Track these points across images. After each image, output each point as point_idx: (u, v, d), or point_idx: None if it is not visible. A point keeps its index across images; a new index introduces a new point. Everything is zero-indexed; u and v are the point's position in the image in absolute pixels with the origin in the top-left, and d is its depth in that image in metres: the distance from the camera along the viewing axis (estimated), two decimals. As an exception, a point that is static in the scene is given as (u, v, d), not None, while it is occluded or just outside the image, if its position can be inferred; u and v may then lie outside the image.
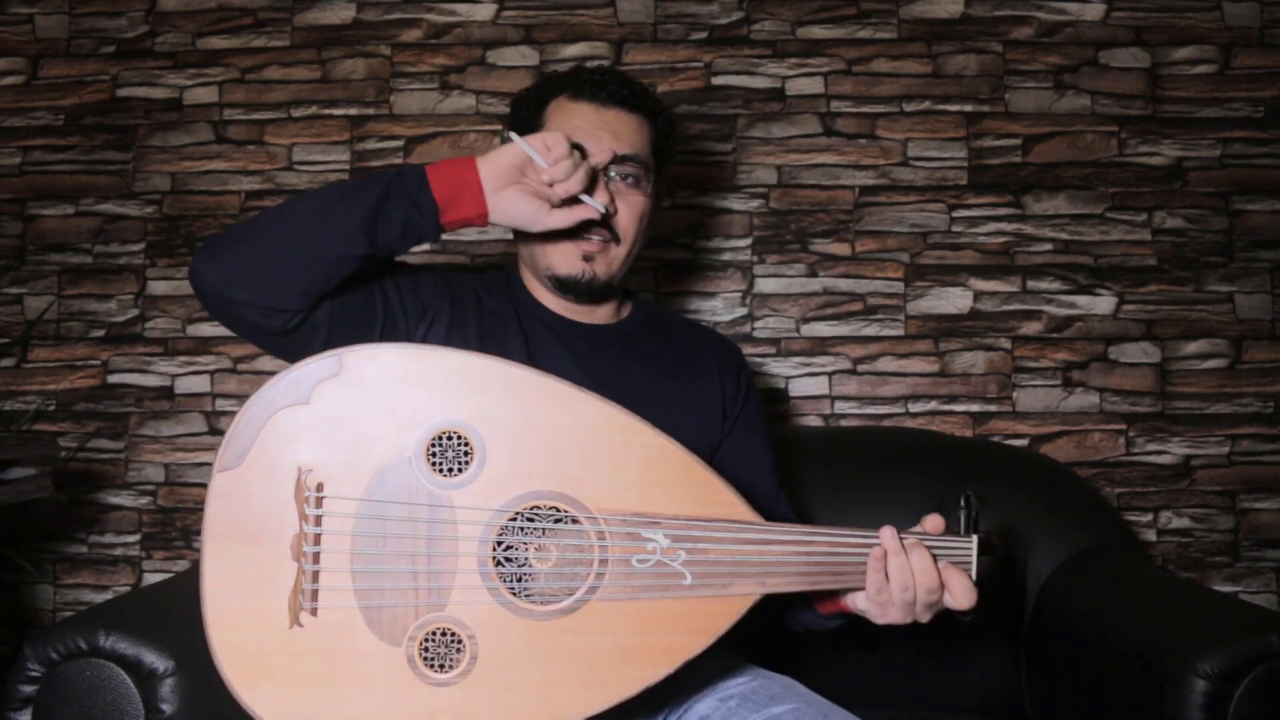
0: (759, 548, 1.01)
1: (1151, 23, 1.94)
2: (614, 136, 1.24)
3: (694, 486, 1.01)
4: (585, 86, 1.26)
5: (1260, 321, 1.91)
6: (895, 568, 1.02)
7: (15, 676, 1.16)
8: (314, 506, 0.96)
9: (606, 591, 0.98)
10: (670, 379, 1.30)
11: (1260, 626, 1.18)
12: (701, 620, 0.99)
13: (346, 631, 0.96)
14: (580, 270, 1.24)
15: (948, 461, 1.71)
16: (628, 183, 1.25)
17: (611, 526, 0.99)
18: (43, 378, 1.95)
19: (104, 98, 1.96)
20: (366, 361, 0.98)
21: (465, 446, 0.98)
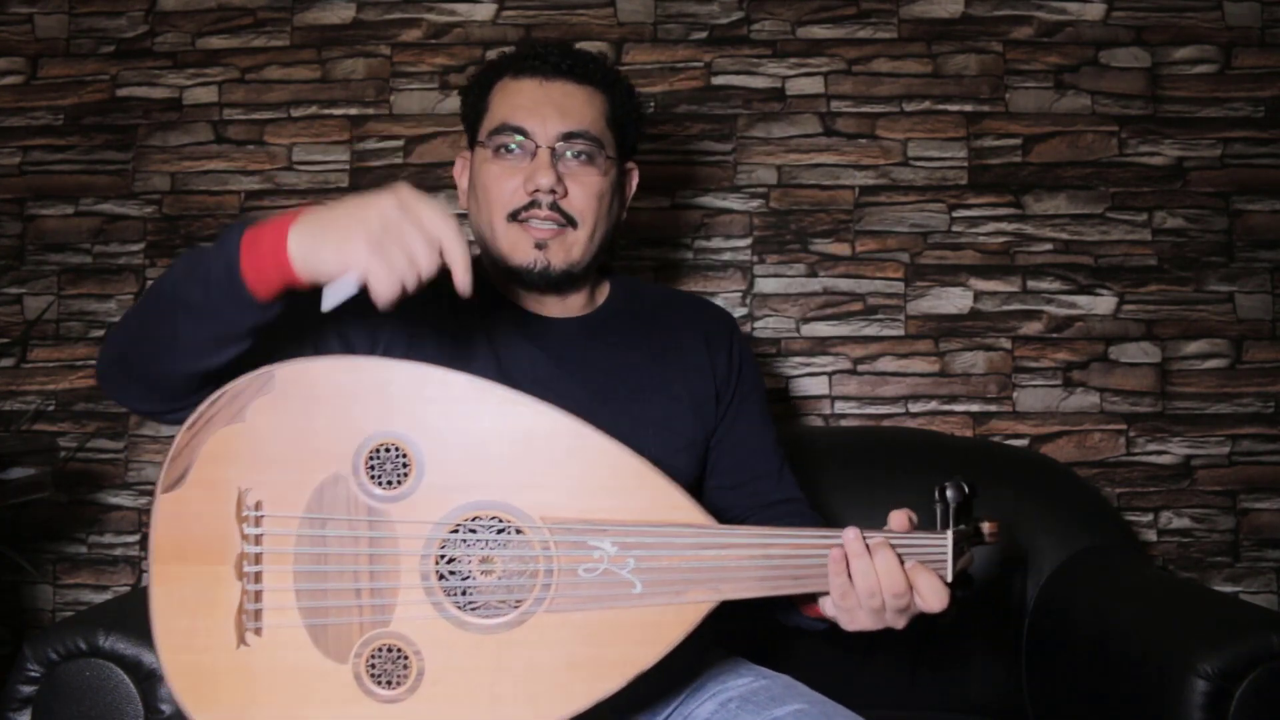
0: (713, 553, 0.96)
1: (1152, 22, 1.94)
2: (559, 112, 1.15)
3: (642, 491, 0.96)
4: (527, 62, 1.18)
5: (1260, 321, 1.91)
6: (859, 571, 0.94)
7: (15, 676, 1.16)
8: (253, 525, 0.94)
9: (554, 603, 0.95)
10: (655, 369, 1.22)
11: (1261, 626, 1.18)
12: (654, 630, 0.95)
13: (293, 649, 0.94)
14: (533, 259, 1.15)
15: (948, 461, 1.71)
16: (580, 160, 1.16)
17: (556, 536, 0.95)
18: (43, 378, 1.95)
19: (104, 98, 1.96)
20: (299, 376, 0.95)
21: (403, 458, 0.95)
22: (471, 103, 1.22)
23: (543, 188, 1.13)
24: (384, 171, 1.94)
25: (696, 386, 1.23)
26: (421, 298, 1.12)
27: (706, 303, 1.33)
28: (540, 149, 1.14)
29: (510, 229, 1.15)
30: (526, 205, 1.14)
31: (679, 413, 1.21)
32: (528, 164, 1.15)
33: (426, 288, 1.14)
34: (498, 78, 1.20)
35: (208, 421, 0.95)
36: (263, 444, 0.95)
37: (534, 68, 1.17)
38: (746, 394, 1.28)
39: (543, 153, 1.14)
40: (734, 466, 1.25)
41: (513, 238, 1.15)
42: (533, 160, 1.15)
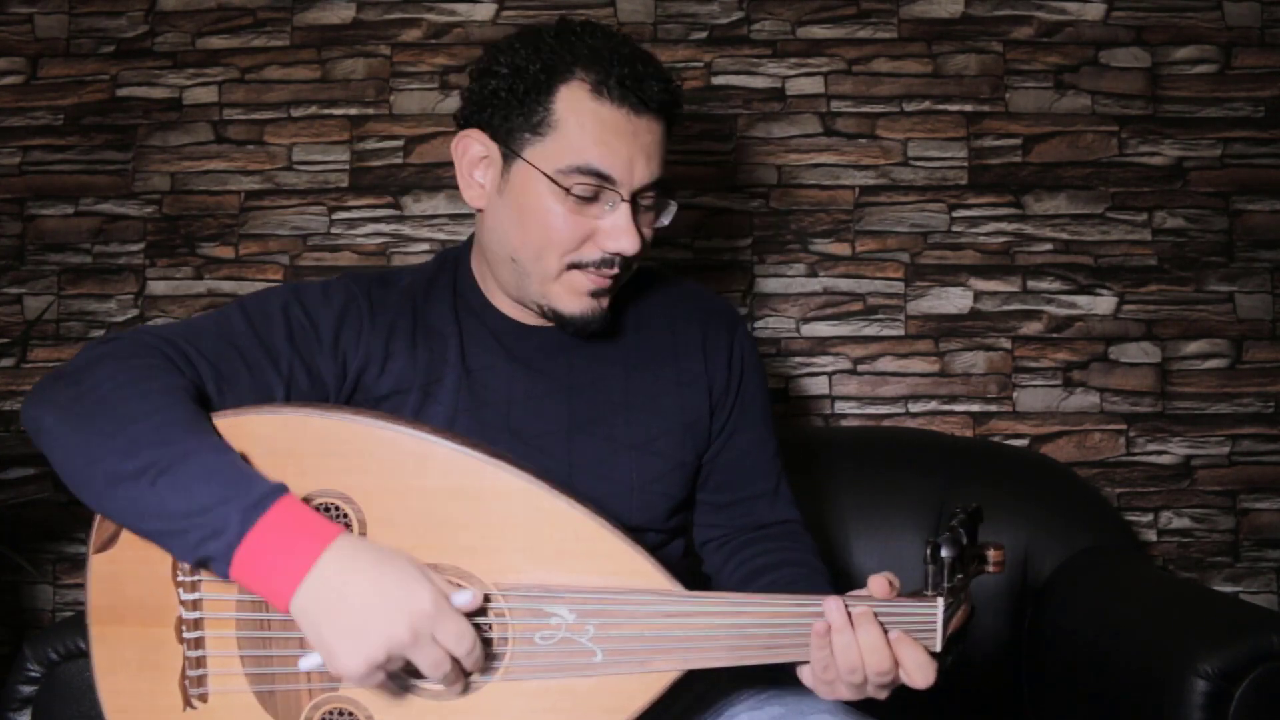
0: (679, 620, 0.89)
1: (1152, 22, 1.94)
2: (645, 159, 1.01)
3: (602, 555, 0.90)
4: (615, 82, 0.99)
5: (1261, 321, 1.91)
6: (840, 646, 0.86)
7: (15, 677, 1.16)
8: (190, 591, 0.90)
9: (509, 671, 0.89)
10: (643, 383, 1.12)
11: (1261, 626, 1.18)
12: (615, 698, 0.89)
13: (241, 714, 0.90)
14: (589, 309, 1.05)
15: (948, 461, 1.71)
16: (648, 209, 1.05)
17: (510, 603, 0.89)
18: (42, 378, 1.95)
19: (104, 98, 1.96)
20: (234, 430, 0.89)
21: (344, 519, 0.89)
22: (522, 94, 1.01)
23: (627, 252, 1.01)
24: (384, 171, 1.94)
25: (690, 400, 1.13)
26: (394, 312, 1.07)
27: (708, 298, 1.21)
28: (622, 204, 1.01)
29: (568, 275, 1.03)
30: (599, 261, 1.02)
31: (667, 433, 1.11)
32: (603, 212, 1.02)
33: (402, 301, 1.08)
34: (566, 79, 1.00)
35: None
36: None
37: (623, 94, 0.99)
38: (746, 403, 1.17)
39: (625, 210, 1.01)
40: (726, 484, 1.17)
41: (572, 285, 1.04)
42: (610, 212, 1.01)
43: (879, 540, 1.66)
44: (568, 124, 1.00)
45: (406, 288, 1.11)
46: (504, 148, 1.04)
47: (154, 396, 0.87)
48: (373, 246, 1.94)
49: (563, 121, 1.00)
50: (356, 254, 1.93)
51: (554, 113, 1.00)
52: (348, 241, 1.94)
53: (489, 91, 1.03)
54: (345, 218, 1.94)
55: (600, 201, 1.01)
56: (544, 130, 1.01)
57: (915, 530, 1.66)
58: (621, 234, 1.01)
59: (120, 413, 0.85)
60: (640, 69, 1.00)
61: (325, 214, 1.94)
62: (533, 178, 1.01)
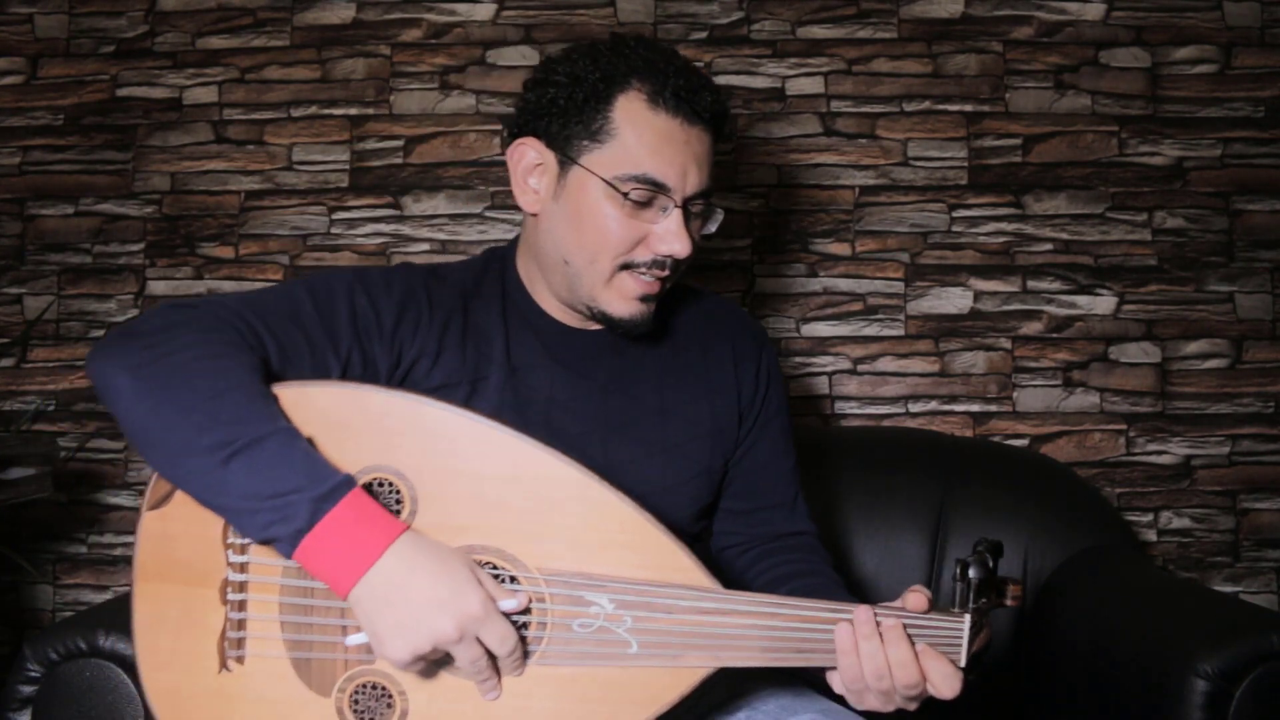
0: (715, 619, 0.91)
1: (1152, 22, 1.94)
2: (697, 167, 1.05)
3: (646, 549, 0.92)
4: (670, 94, 1.03)
5: (1260, 321, 1.91)
6: (866, 653, 0.89)
7: (15, 676, 1.16)
8: (239, 553, 0.92)
9: (545, 656, 0.91)
10: (677, 389, 1.16)
11: (1261, 626, 1.18)
12: (646, 691, 0.91)
13: (276, 679, 0.92)
14: (638, 312, 1.09)
15: (948, 461, 1.71)
16: (696, 216, 1.10)
17: (552, 588, 0.91)
18: (43, 378, 1.95)
19: (104, 98, 1.96)
20: (298, 401, 0.92)
21: (396, 494, 0.92)
22: (580, 102, 1.05)
23: (679, 255, 1.06)
24: (384, 171, 1.94)
25: (720, 409, 1.18)
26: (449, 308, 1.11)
27: (738, 313, 1.26)
28: (675, 210, 1.05)
29: (620, 277, 1.07)
30: (650, 263, 1.06)
31: (697, 438, 1.16)
32: (655, 218, 1.06)
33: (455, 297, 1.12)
34: (624, 89, 1.04)
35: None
36: None
37: (676, 105, 1.03)
38: (770, 417, 1.22)
39: (677, 215, 1.05)
40: (746, 491, 1.20)
41: (622, 288, 1.07)
42: (663, 216, 1.06)
43: (879, 540, 1.66)
44: (625, 133, 1.04)
45: (458, 283, 1.14)
46: (561, 155, 1.07)
47: (230, 373, 0.89)
48: (373, 246, 1.94)
49: (620, 130, 1.04)
50: (356, 254, 1.93)
51: (612, 121, 1.04)
52: (348, 241, 1.94)
53: (547, 100, 1.07)
54: (345, 218, 1.94)
55: (654, 207, 1.05)
56: (602, 138, 1.04)
57: (915, 530, 1.66)
58: (674, 238, 1.05)
59: (198, 385, 0.88)
60: (693, 81, 1.05)
61: (325, 214, 1.94)
62: (590, 183, 1.05)
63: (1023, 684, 1.58)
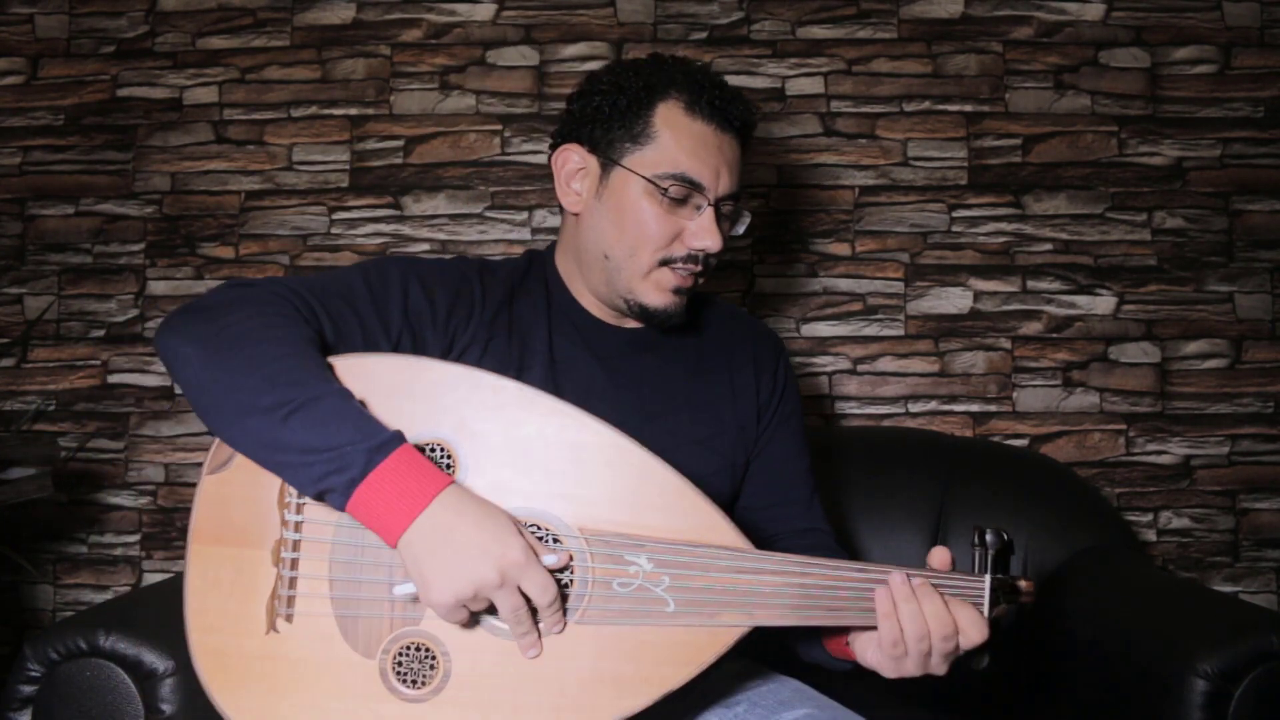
0: (749, 577, 0.95)
1: (1151, 23, 1.94)
2: (729, 171, 1.15)
3: (683, 510, 0.96)
4: (706, 102, 1.14)
5: (1260, 321, 1.91)
6: (907, 615, 0.94)
7: (15, 676, 1.16)
8: (294, 513, 0.96)
9: (585, 615, 0.95)
10: (703, 387, 1.24)
11: (1260, 626, 1.18)
12: (684, 650, 0.95)
13: (322, 640, 0.95)
14: (671, 303, 1.17)
15: (948, 461, 1.71)
16: (727, 216, 1.19)
17: (593, 547, 0.95)
18: (43, 378, 1.95)
19: (104, 98, 1.96)
20: (354, 369, 0.97)
21: (448, 459, 0.96)
22: (623, 108, 1.15)
23: (712, 250, 1.15)
24: (384, 171, 1.94)
25: (741, 408, 1.25)
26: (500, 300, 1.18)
27: (757, 322, 1.35)
28: (708, 208, 1.14)
29: (658, 271, 1.16)
30: (685, 258, 1.15)
31: (722, 433, 1.22)
32: (690, 215, 1.15)
33: (505, 290, 1.19)
34: (664, 97, 1.15)
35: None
36: None
37: (710, 113, 1.14)
38: (786, 417, 1.29)
39: (710, 213, 1.14)
40: (763, 488, 1.26)
41: (658, 280, 1.16)
42: (697, 214, 1.15)
43: (879, 539, 1.66)
44: (664, 136, 1.14)
45: (506, 277, 1.22)
46: (603, 158, 1.17)
47: (288, 341, 0.95)
48: (373, 247, 1.94)
49: (660, 133, 1.14)
50: (356, 254, 1.94)
51: (653, 125, 1.14)
52: (348, 241, 1.94)
53: (591, 109, 1.17)
54: (345, 218, 1.94)
55: (689, 205, 1.14)
56: (643, 140, 1.14)
57: (915, 530, 1.66)
58: (707, 233, 1.14)
59: (258, 351, 0.93)
60: (727, 93, 1.16)
61: (325, 214, 1.94)
62: (631, 182, 1.14)
63: (1022, 683, 1.58)
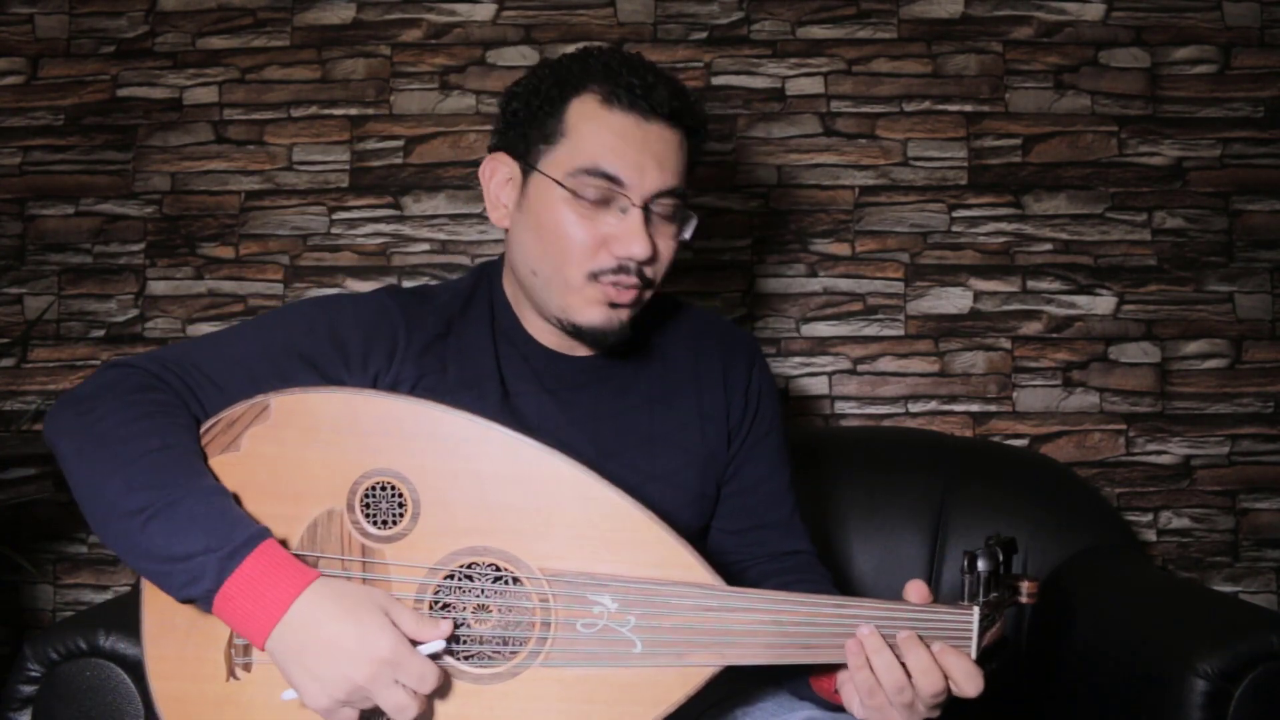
0: (719, 615, 0.90)
1: (1151, 23, 1.94)
2: (657, 165, 1.02)
3: (647, 546, 0.92)
4: (623, 90, 1.01)
5: (1260, 321, 1.91)
6: (882, 666, 0.88)
7: (15, 676, 1.16)
8: None
9: (549, 657, 0.91)
10: (667, 416, 1.13)
11: (1260, 626, 1.18)
12: (653, 691, 0.90)
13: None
14: (608, 320, 1.04)
15: (948, 461, 1.71)
16: (666, 219, 1.05)
17: (555, 589, 0.91)
18: (43, 378, 1.95)
19: (104, 98, 1.96)
20: (296, 407, 0.93)
21: (399, 497, 0.92)
22: (535, 109, 1.05)
23: (638, 258, 1.02)
24: (384, 171, 1.94)
25: (710, 434, 1.15)
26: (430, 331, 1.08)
27: (732, 332, 1.22)
28: (633, 209, 1.01)
29: (588, 287, 1.03)
30: (614, 269, 1.02)
31: (689, 465, 1.13)
32: (614, 219, 1.02)
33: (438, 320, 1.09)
34: (578, 92, 1.03)
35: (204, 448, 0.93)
36: (258, 475, 0.92)
37: (631, 100, 1.01)
38: (762, 436, 1.18)
39: (636, 214, 1.01)
40: (739, 511, 1.18)
41: (589, 296, 1.04)
42: (622, 217, 1.02)
43: (879, 540, 1.66)
44: (578, 130, 1.02)
45: (443, 305, 1.12)
46: (522, 163, 1.06)
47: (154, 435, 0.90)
48: (373, 246, 1.94)
49: (573, 129, 1.02)
50: (356, 254, 1.94)
51: (565, 122, 1.03)
52: (348, 241, 1.94)
53: (510, 112, 1.08)
54: (345, 218, 1.94)
55: (612, 207, 1.02)
56: (555, 139, 1.03)
57: (915, 530, 1.66)
58: (631, 239, 1.01)
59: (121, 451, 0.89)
60: (650, 79, 1.03)
61: (325, 214, 1.94)
62: (547, 187, 1.03)
63: (1022, 683, 1.58)
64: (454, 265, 1.93)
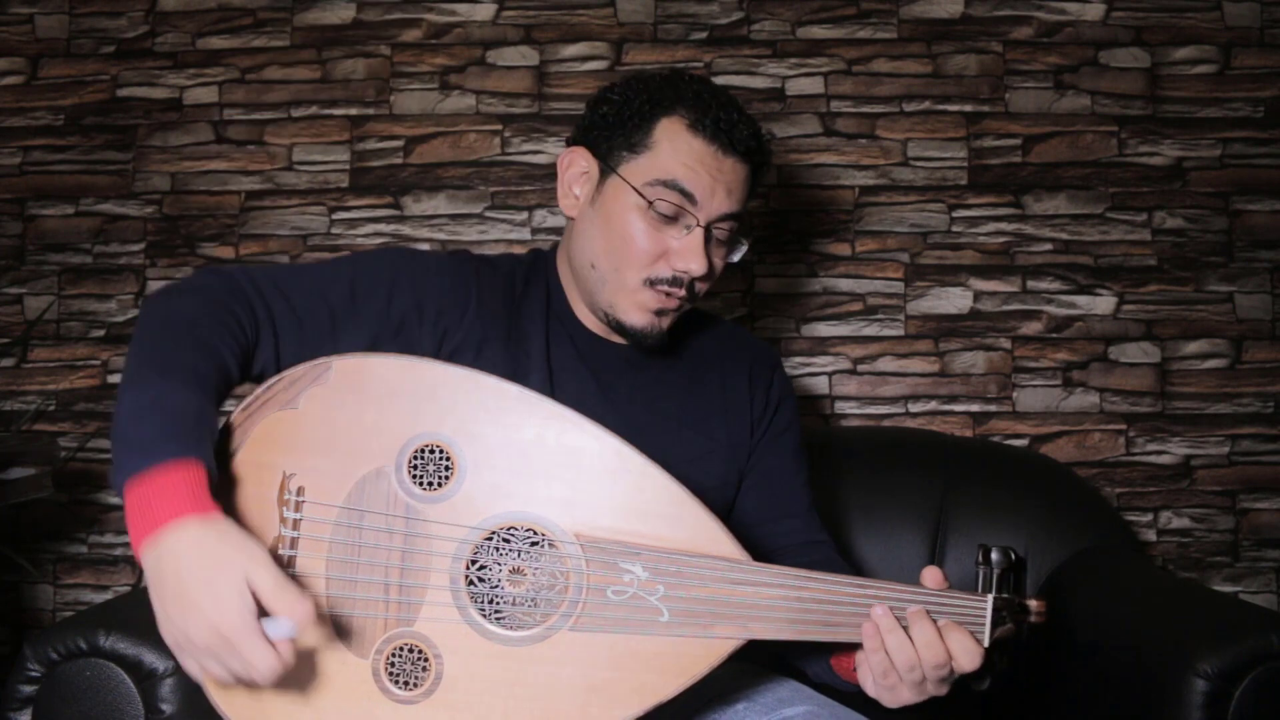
0: (745, 589, 0.95)
1: (1151, 23, 1.94)
2: (727, 193, 1.11)
3: (680, 519, 0.96)
4: (710, 122, 1.10)
5: (1260, 321, 1.91)
6: (894, 646, 0.93)
7: (15, 676, 1.16)
8: (293, 510, 0.95)
9: (579, 622, 0.94)
10: (696, 405, 1.21)
11: (1260, 626, 1.18)
12: (677, 661, 0.94)
13: (315, 638, 0.94)
14: (650, 324, 1.14)
15: (948, 461, 1.71)
16: (722, 242, 1.15)
17: (589, 554, 0.95)
18: (43, 378, 1.95)
19: (104, 98, 1.96)
20: (355, 369, 0.97)
21: (446, 460, 0.96)
22: (626, 117, 1.13)
23: (694, 273, 1.11)
24: (384, 171, 1.94)
25: (734, 427, 1.23)
26: (499, 300, 1.15)
27: (753, 339, 1.33)
28: (698, 227, 1.11)
29: (641, 290, 1.12)
30: (669, 280, 1.12)
31: (713, 452, 1.20)
32: (679, 234, 1.11)
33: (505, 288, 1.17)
34: (670, 112, 1.12)
35: (263, 404, 0.96)
36: (312, 432, 0.96)
37: (715, 132, 1.10)
38: (780, 432, 1.26)
39: (699, 233, 1.11)
40: (759, 504, 1.23)
41: (640, 300, 1.13)
42: (687, 234, 1.11)
43: (879, 540, 1.66)
44: (661, 146, 1.11)
45: (507, 276, 1.20)
46: (603, 164, 1.15)
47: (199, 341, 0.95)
48: (373, 246, 1.94)
49: (658, 144, 1.11)
50: (356, 254, 1.93)
51: (651, 135, 1.12)
52: (348, 241, 1.94)
53: (599, 115, 1.16)
54: (345, 218, 1.94)
55: (678, 223, 1.11)
56: (640, 149, 1.12)
57: (915, 530, 1.66)
58: (691, 255, 1.10)
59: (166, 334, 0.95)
60: (735, 116, 1.12)
61: (325, 214, 1.94)
62: (623, 192, 1.12)
63: (1022, 683, 1.58)
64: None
